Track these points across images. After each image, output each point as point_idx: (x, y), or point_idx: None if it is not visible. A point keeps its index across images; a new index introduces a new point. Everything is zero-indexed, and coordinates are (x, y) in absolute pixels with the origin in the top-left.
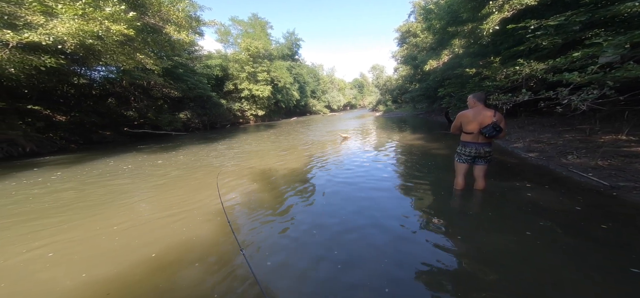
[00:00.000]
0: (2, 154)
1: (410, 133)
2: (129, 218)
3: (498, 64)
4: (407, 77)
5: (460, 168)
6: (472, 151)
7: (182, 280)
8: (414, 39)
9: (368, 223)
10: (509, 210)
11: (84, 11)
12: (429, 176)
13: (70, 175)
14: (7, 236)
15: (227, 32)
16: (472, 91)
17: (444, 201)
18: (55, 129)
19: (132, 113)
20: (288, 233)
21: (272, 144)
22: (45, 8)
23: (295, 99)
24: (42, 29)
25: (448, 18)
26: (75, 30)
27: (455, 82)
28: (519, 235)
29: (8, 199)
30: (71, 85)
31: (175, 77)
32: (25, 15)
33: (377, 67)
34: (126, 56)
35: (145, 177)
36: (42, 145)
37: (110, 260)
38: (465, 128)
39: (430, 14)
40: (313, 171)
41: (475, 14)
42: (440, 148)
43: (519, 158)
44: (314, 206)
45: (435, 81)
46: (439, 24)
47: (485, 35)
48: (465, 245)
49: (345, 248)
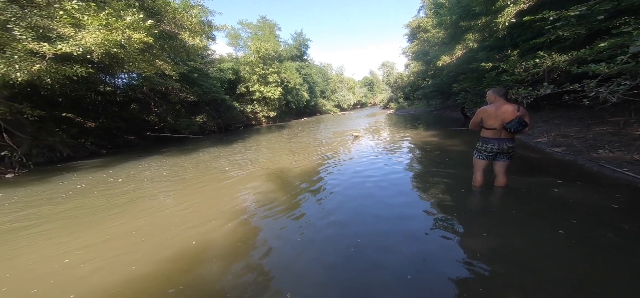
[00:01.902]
0: (44, 159)
1: (424, 130)
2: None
3: (516, 58)
4: (419, 74)
5: (480, 165)
6: (493, 148)
7: (204, 276)
8: (425, 34)
9: (384, 221)
10: (537, 207)
11: (107, 21)
12: (445, 173)
13: (119, 175)
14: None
15: (237, 35)
16: (489, 85)
17: (464, 198)
18: (86, 135)
19: (152, 118)
20: (306, 233)
21: (285, 145)
22: (74, 20)
23: (305, 100)
24: (73, 40)
25: (460, 12)
26: (100, 40)
27: (471, 77)
28: (550, 233)
29: (63, 198)
30: (98, 92)
31: (191, 81)
32: (57, 28)
33: (387, 65)
34: (146, 63)
35: (176, 179)
36: (76, 150)
37: (172, 245)
38: (486, 124)
39: (441, 9)
40: (326, 171)
41: (488, 8)
42: (457, 144)
43: (544, 153)
44: (327, 206)
45: (449, 77)
46: (450, 18)
47: (500, 29)
48: (490, 243)
49: (361, 247)
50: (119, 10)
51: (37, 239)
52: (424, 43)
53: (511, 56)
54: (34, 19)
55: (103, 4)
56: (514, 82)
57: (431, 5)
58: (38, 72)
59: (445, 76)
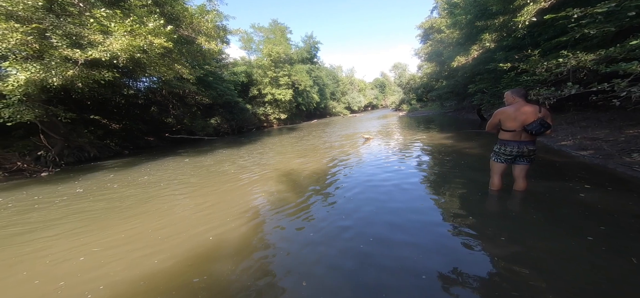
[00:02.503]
0: (74, 158)
1: (438, 132)
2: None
3: (537, 57)
4: (433, 75)
5: (497, 168)
6: (513, 150)
7: (220, 271)
8: (439, 35)
9: (396, 224)
10: (562, 212)
11: (132, 28)
12: (461, 176)
13: (142, 175)
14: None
15: (250, 39)
16: (508, 86)
17: (480, 202)
18: (111, 136)
19: (170, 120)
20: (316, 235)
21: (295, 147)
22: (102, 27)
23: (315, 102)
24: (101, 47)
25: (475, 12)
26: (126, 46)
27: (488, 78)
28: (577, 239)
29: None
30: (122, 96)
31: (206, 84)
32: (88, 35)
33: (399, 66)
34: (166, 67)
35: (193, 180)
36: (102, 151)
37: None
38: (505, 126)
39: (456, 8)
40: (336, 173)
41: (506, 6)
42: (473, 147)
43: (569, 156)
44: (338, 209)
45: (464, 77)
46: (465, 18)
47: (520, 28)
48: (510, 248)
49: (374, 248)
50: (142, 16)
51: (69, 233)
52: (437, 44)
53: (532, 56)
54: (68, 27)
55: (128, 11)
56: (534, 82)
57: (445, 6)
58: (71, 77)
59: (460, 77)
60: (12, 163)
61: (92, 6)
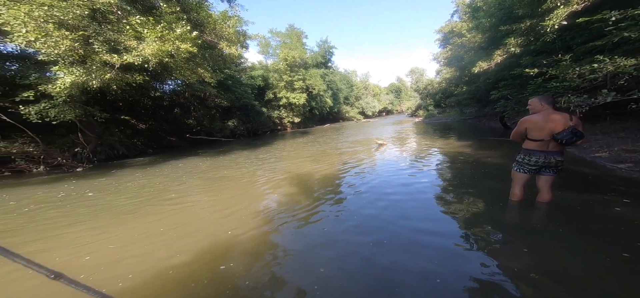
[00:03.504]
0: (105, 155)
1: (457, 140)
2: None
3: (569, 62)
4: (452, 80)
5: (520, 178)
6: (539, 160)
7: (226, 272)
8: (459, 39)
9: (410, 230)
10: (594, 226)
11: (162, 33)
12: (480, 186)
13: (166, 172)
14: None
15: (267, 43)
16: (534, 93)
17: (500, 212)
18: (138, 135)
19: (191, 121)
20: (327, 240)
21: (308, 151)
22: (136, 33)
23: (329, 106)
24: (135, 52)
25: (500, 15)
26: (156, 51)
27: (512, 84)
28: (611, 255)
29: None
30: (149, 98)
31: (226, 88)
32: (124, 41)
33: (417, 71)
34: (190, 71)
35: (212, 179)
36: (129, 149)
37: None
38: (531, 135)
39: (478, 12)
40: (349, 179)
41: (534, 10)
42: (494, 156)
43: (603, 169)
44: (350, 214)
45: (486, 83)
46: (488, 22)
47: (549, 32)
48: (533, 260)
49: (386, 254)
50: (171, 23)
51: (109, 220)
52: (457, 48)
53: (562, 61)
54: (107, 34)
55: (159, 18)
56: (564, 89)
57: (466, 9)
58: (108, 80)
59: (482, 82)
60: (53, 158)
61: (128, 14)
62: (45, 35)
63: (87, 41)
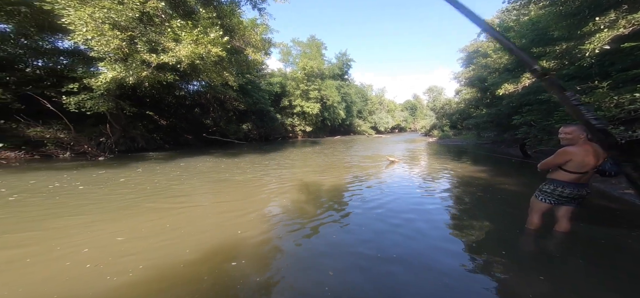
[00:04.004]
0: (125, 147)
1: (471, 164)
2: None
3: (605, 90)
4: (472, 101)
5: (540, 207)
6: (571, 193)
7: (226, 273)
8: (484, 59)
9: (418, 251)
10: (618, 259)
11: (197, 37)
12: (494, 211)
13: (181, 168)
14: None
15: (288, 52)
16: (562, 120)
17: (515, 239)
18: (158, 131)
19: (209, 122)
20: (329, 258)
21: (317, 161)
22: (175, 36)
23: (341, 118)
24: (171, 53)
25: (532, 37)
26: (190, 53)
27: (538, 110)
28: (636, 293)
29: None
30: (174, 96)
31: (245, 92)
32: (164, 42)
33: (435, 89)
34: (216, 73)
35: (224, 180)
36: (149, 143)
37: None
38: (569, 167)
39: (509, 32)
40: (356, 192)
41: (572, 32)
42: (511, 183)
43: (632, 205)
44: (352, 231)
45: (509, 107)
46: (519, 43)
47: (587, 56)
48: (550, 288)
49: (391, 275)
50: (206, 27)
51: (127, 207)
52: (481, 68)
53: (598, 88)
54: (151, 35)
55: (196, 22)
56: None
57: (496, 29)
58: (143, 77)
59: (504, 106)
60: (80, 146)
61: (171, 17)
62: (100, 34)
63: (133, 40)
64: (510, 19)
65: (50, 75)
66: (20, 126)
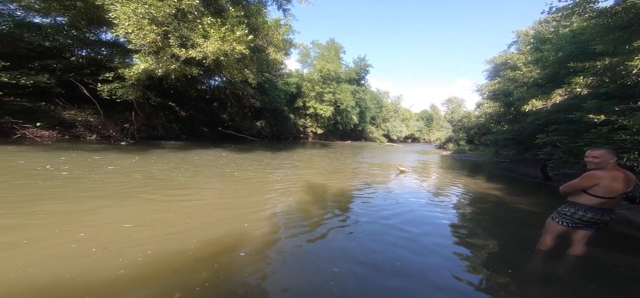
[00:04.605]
0: (146, 134)
1: (486, 181)
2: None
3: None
4: (493, 116)
5: (556, 229)
6: (593, 218)
7: (228, 266)
8: (512, 72)
9: (423, 266)
10: (635, 289)
11: (224, 34)
12: (505, 230)
13: (196, 157)
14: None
15: (307, 54)
16: (593, 143)
17: (528, 260)
18: (177, 121)
19: (225, 116)
20: (332, 263)
21: (326, 164)
22: (205, 32)
23: (353, 123)
24: (199, 48)
25: (571, 50)
26: (216, 49)
27: (566, 130)
28: None
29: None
30: (195, 90)
31: (262, 90)
32: (194, 38)
33: (454, 100)
34: (238, 70)
35: (236, 174)
36: (167, 132)
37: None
38: (595, 191)
39: (545, 44)
40: (363, 198)
41: (618, 47)
42: (527, 203)
43: None
44: (357, 239)
45: (534, 125)
46: (555, 56)
47: (632, 74)
48: None
49: (392, 291)
50: (233, 25)
51: (146, 194)
52: (508, 82)
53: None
54: (183, 31)
55: (225, 20)
56: (634, 144)
57: (530, 40)
58: (171, 70)
59: (528, 123)
60: (106, 130)
61: (202, 14)
62: (140, 28)
63: (166, 35)
64: (547, 31)
65: (90, 64)
66: (58, 109)
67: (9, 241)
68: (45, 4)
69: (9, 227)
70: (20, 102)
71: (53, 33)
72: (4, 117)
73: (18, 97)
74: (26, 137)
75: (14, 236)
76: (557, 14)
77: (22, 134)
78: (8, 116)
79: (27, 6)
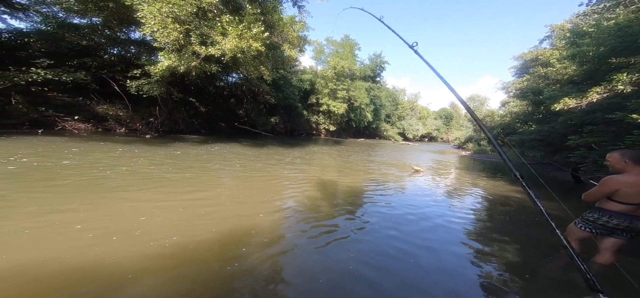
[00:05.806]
0: (168, 128)
1: (507, 183)
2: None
3: None
4: (520, 115)
5: (580, 236)
6: (619, 224)
7: (240, 257)
8: (543, 69)
9: (435, 269)
10: None
11: (241, 32)
12: (526, 234)
13: (215, 151)
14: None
15: (321, 50)
16: (634, 145)
17: (549, 267)
18: (197, 116)
19: (241, 112)
20: (340, 266)
21: (339, 162)
22: (223, 30)
23: (367, 121)
24: (218, 46)
25: (614, 44)
26: (234, 46)
27: (604, 131)
28: None
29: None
30: (214, 86)
31: (277, 87)
32: (213, 36)
33: (477, 99)
34: (254, 67)
35: (249, 168)
36: (188, 126)
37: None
38: (621, 197)
39: (583, 38)
40: (376, 197)
41: None
42: (552, 207)
43: None
44: (368, 241)
45: (565, 125)
46: (594, 51)
47: None
48: None
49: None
50: (250, 23)
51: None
52: (538, 79)
53: None
54: (203, 29)
55: (242, 17)
56: None
57: (566, 34)
58: (192, 67)
59: (560, 123)
60: (134, 123)
61: (222, 13)
62: (164, 27)
63: (188, 33)
64: (586, 24)
65: (120, 61)
66: (92, 103)
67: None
68: (82, 5)
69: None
70: (62, 97)
71: (89, 33)
72: (48, 111)
73: (59, 93)
74: (66, 129)
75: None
76: (599, 6)
77: (63, 126)
78: (52, 110)
79: (68, 8)
